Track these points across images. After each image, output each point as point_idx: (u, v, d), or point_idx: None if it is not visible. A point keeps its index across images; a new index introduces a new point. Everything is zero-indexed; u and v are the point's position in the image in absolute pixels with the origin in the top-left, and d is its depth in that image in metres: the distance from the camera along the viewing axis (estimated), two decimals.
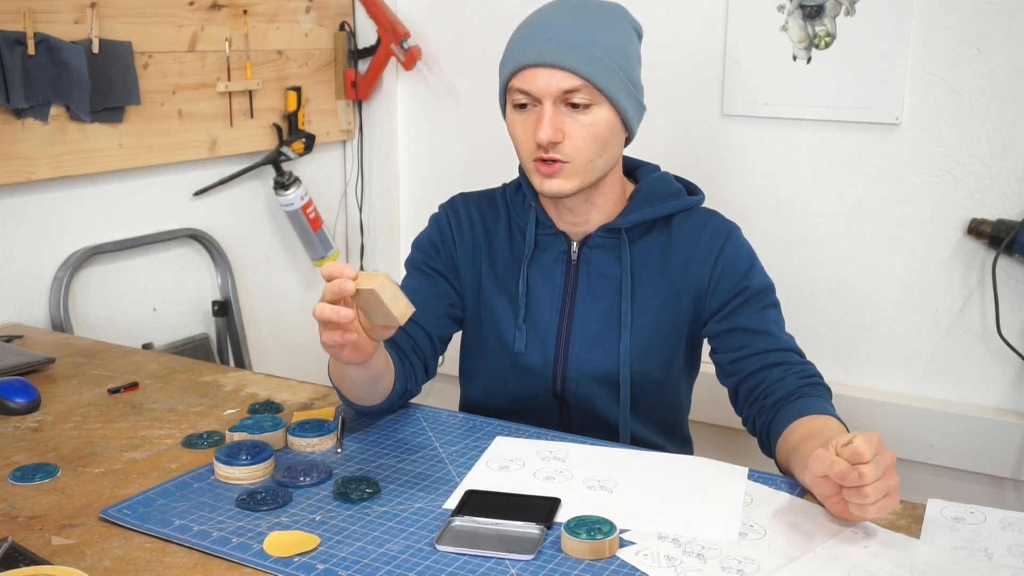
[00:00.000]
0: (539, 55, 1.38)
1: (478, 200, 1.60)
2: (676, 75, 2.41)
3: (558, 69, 1.37)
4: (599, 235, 1.51)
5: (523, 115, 1.42)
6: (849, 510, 1.12)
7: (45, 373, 1.69)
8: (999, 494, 2.18)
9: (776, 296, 1.52)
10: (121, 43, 2.16)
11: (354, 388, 1.39)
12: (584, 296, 1.52)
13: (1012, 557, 1.08)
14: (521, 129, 1.43)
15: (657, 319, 1.51)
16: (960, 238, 2.17)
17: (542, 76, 1.38)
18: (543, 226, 1.54)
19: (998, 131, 2.09)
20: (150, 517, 1.16)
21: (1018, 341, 2.13)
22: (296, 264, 2.77)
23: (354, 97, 2.80)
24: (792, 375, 1.43)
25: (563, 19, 1.40)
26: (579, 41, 1.37)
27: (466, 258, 1.57)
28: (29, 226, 2.08)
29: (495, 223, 1.58)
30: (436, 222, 1.61)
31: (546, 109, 1.38)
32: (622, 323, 1.50)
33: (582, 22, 1.39)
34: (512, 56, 1.42)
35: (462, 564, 1.07)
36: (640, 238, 1.52)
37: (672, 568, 1.06)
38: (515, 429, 1.44)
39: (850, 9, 2.18)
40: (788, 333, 1.50)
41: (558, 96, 1.38)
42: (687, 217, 1.52)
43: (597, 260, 1.51)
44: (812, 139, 2.29)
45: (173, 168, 2.37)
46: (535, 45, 1.39)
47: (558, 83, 1.37)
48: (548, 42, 1.38)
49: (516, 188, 1.57)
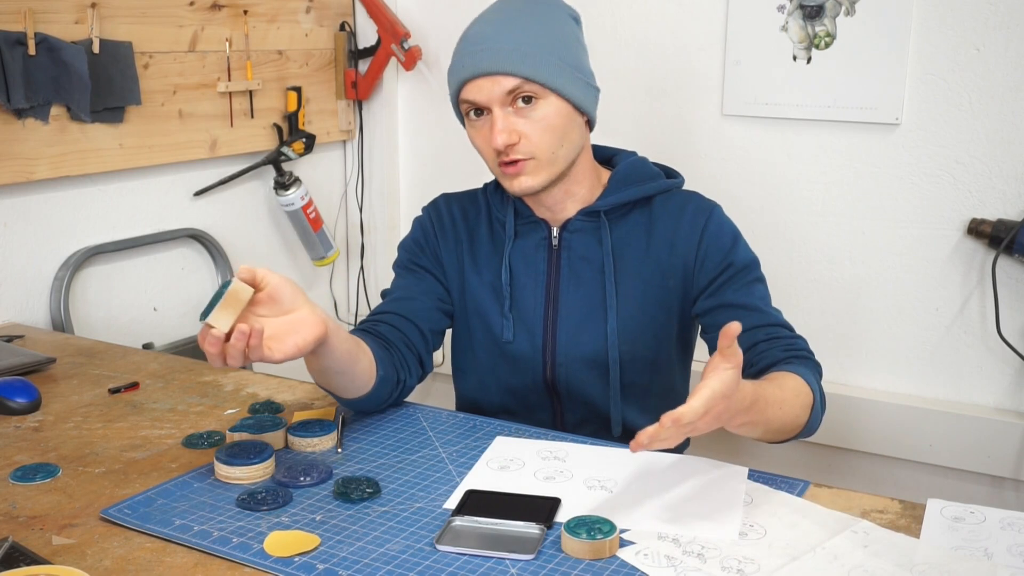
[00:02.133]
0: (475, 67, 1.43)
1: (459, 199, 1.65)
2: (676, 75, 2.41)
3: (494, 75, 1.42)
4: (578, 219, 1.53)
5: (478, 124, 1.47)
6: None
7: (46, 373, 1.69)
8: (999, 494, 2.18)
9: (761, 271, 1.53)
10: (121, 43, 2.16)
11: (325, 378, 1.39)
12: (568, 281, 1.54)
13: (1012, 557, 1.08)
14: (480, 138, 1.48)
15: (643, 300, 1.52)
16: (960, 238, 2.17)
17: (483, 85, 1.43)
18: (522, 216, 1.56)
19: (998, 131, 2.09)
20: (150, 517, 1.16)
21: (1018, 341, 2.13)
22: (296, 264, 2.77)
23: (354, 97, 2.80)
24: (778, 348, 1.44)
25: (492, 26, 1.45)
26: (507, 43, 1.42)
27: (450, 253, 1.60)
28: (30, 226, 2.09)
29: (476, 219, 1.61)
30: (419, 223, 1.65)
31: (496, 115, 1.43)
32: (607, 305, 1.51)
33: (511, 23, 1.44)
34: (453, 72, 1.47)
35: (462, 564, 1.07)
36: (620, 220, 1.54)
37: (672, 568, 1.06)
38: (515, 429, 1.45)
39: (850, 9, 2.18)
40: (775, 308, 1.51)
41: (503, 99, 1.42)
42: (667, 198, 1.55)
43: (578, 244, 1.53)
44: (812, 139, 2.29)
45: (173, 168, 2.37)
46: (470, 58, 1.44)
47: (498, 88, 1.42)
48: (480, 52, 1.43)
49: (496, 185, 1.61)
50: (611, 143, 1.67)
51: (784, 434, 1.35)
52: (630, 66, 2.46)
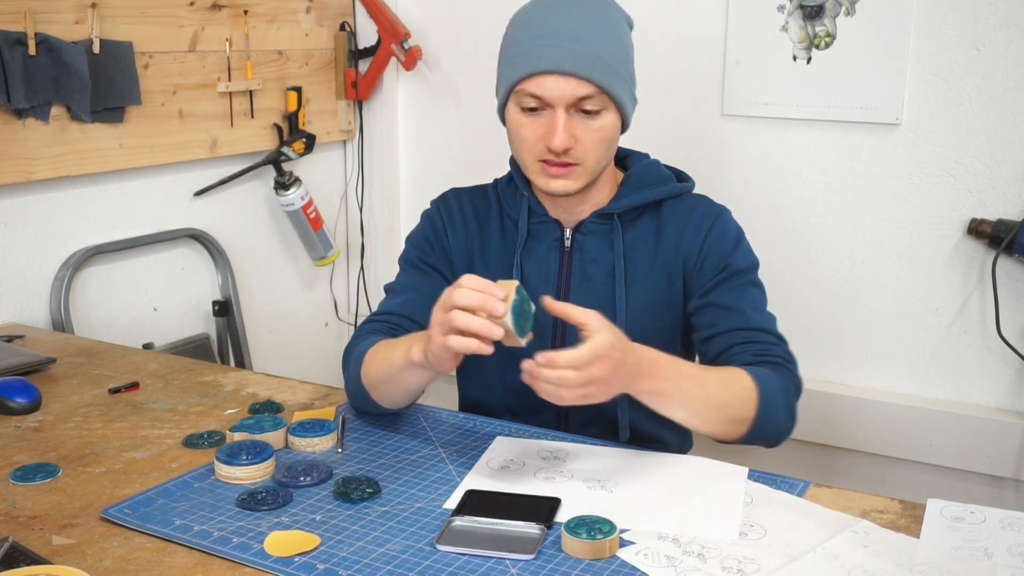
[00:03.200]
0: (557, 62, 1.38)
1: (470, 194, 1.62)
2: (676, 75, 2.41)
3: (573, 77, 1.38)
4: (592, 221, 1.52)
5: (531, 117, 1.43)
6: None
7: (46, 373, 1.69)
8: (999, 494, 2.18)
9: (758, 276, 1.51)
10: (122, 43, 2.16)
11: (398, 394, 1.39)
12: (578, 282, 1.53)
13: (1012, 557, 1.08)
14: (529, 131, 1.43)
15: (651, 303, 1.52)
16: (960, 238, 2.17)
17: (557, 83, 1.38)
18: (536, 215, 1.55)
19: (998, 131, 2.09)
20: (151, 517, 1.16)
21: (1018, 341, 2.13)
22: (296, 264, 2.77)
23: (354, 97, 2.80)
24: (750, 352, 1.41)
25: (572, 22, 1.40)
26: (591, 48, 1.38)
27: (460, 251, 1.58)
28: (30, 226, 2.09)
29: (487, 216, 1.59)
30: (428, 217, 1.62)
31: (560, 116, 1.39)
32: (616, 308, 1.50)
33: (590, 25, 1.40)
34: (524, 59, 1.41)
35: (462, 564, 1.07)
36: (632, 224, 1.53)
37: (672, 568, 1.06)
38: (515, 429, 1.45)
39: (850, 9, 2.18)
40: (768, 312, 1.48)
41: (572, 103, 1.39)
42: (677, 202, 1.54)
43: (590, 246, 1.52)
44: (812, 139, 2.29)
45: (173, 168, 2.37)
46: (550, 51, 1.39)
47: (572, 91, 1.38)
48: (562, 48, 1.38)
49: (508, 181, 1.59)
50: None
51: (721, 423, 1.33)
52: None
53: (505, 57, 1.45)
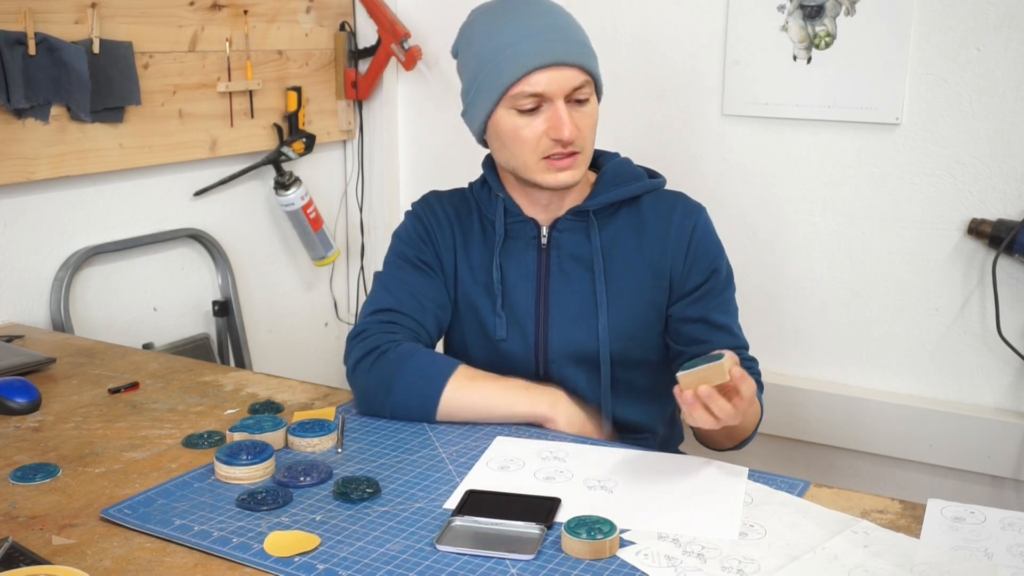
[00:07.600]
0: (554, 54, 1.41)
1: (449, 197, 1.65)
2: (676, 75, 2.41)
3: (568, 67, 1.42)
4: (568, 218, 1.54)
5: (529, 118, 1.45)
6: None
7: (46, 373, 1.69)
8: (999, 494, 2.18)
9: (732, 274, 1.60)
10: (121, 43, 2.16)
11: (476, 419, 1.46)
12: (557, 279, 1.55)
13: (1012, 557, 1.08)
14: (529, 131, 1.45)
15: (634, 298, 1.54)
16: (960, 238, 2.17)
17: (554, 75, 1.42)
18: (512, 215, 1.57)
19: (998, 131, 2.09)
20: (150, 517, 1.16)
21: (1018, 341, 2.13)
22: (296, 264, 2.77)
23: (354, 97, 2.80)
24: None
25: (543, 18, 1.44)
26: (574, 36, 1.45)
27: (447, 251, 1.60)
28: (29, 226, 2.09)
29: (468, 218, 1.61)
30: (416, 216, 1.64)
31: (560, 107, 1.43)
32: (598, 303, 1.53)
33: (558, 18, 1.46)
34: (514, 61, 1.42)
35: (462, 564, 1.07)
36: (609, 220, 1.55)
37: (672, 568, 1.06)
38: (515, 429, 1.45)
39: (850, 9, 2.18)
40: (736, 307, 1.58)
41: (568, 93, 1.43)
42: (656, 198, 1.57)
43: (567, 242, 1.54)
44: (812, 139, 2.29)
45: (173, 168, 2.37)
46: (541, 46, 1.41)
47: (569, 81, 1.42)
48: (551, 42, 1.41)
49: (482, 183, 1.61)
50: (611, 143, 1.67)
51: (732, 440, 1.50)
52: (630, 66, 2.46)
53: (485, 69, 1.46)
